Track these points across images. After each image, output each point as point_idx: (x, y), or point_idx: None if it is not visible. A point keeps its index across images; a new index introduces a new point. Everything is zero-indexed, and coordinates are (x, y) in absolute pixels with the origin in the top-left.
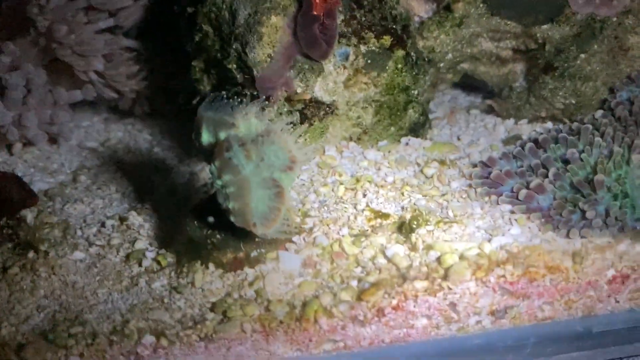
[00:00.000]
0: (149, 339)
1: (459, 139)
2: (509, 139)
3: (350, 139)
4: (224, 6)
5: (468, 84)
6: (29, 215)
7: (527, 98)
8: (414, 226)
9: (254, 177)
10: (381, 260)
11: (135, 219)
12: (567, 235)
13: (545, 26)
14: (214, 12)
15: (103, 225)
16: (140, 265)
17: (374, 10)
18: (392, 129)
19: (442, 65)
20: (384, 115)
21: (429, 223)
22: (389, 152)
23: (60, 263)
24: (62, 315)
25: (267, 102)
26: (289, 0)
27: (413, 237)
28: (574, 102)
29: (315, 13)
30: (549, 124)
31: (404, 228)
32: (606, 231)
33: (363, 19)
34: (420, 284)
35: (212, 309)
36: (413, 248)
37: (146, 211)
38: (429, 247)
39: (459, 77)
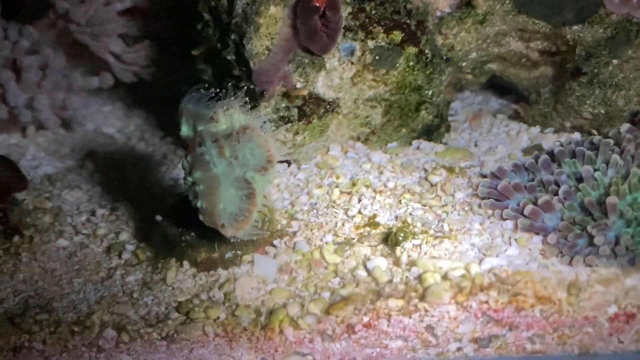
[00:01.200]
0: (111, 332)
1: (476, 145)
2: (529, 148)
3: (358, 138)
4: None
5: (502, 85)
6: (25, 199)
7: (554, 105)
8: (400, 238)
9: (226, 175)
10: (361, 273)
11: (127, 209)
12: (571, 263)
13: (576, 27)
14: (213, 0)
15: (93, 213)
16: (120, 257)
17: (385, 3)
18: (403, 130)
19: (464, 64)
20: (394, 116)
21: (416, 237)
22: (397, 155)
23: (44, 249)
24: (34, 301)
25: (246, 97)
26: None
27: (398, 250)
28: (603, 112)
29: (315, 4)
30: (576, 135)
31: (390, 240)
32: (614, 261)
33: (373, 12)
34: (394, 303)
35: (177, 309)
36: (396, 262)
37: (140, 202)
38: (412, 263)
39: (487, 77)
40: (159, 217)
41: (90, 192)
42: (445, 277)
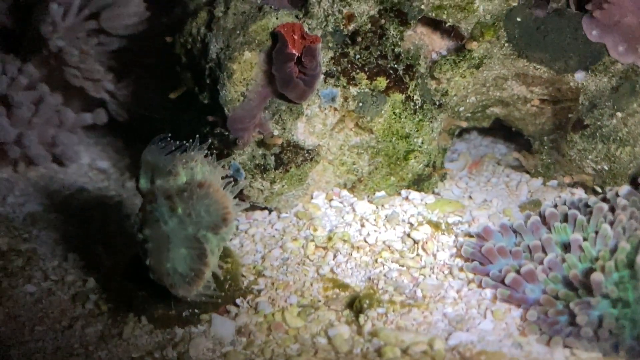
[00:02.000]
0: None
1: (470, 197)
2: (527, 203)
3: (345, 186)
4: (199, 37)
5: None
6: (0, 240)
7: (556, 157)
8: (365, 305)
9: (176, 234)
10: (322, 340)
11: (99, 255)
12: (549, 343)
13: (579, 74)
14: (189, 43)
15: (66, 258)
16: (83, 306)
17: (371, 47)
18: (392, 179)
19: (461, 109)
20: (381, 164)
21: (381, 305)
22: (383, 206)
23: (10, 294)
24: None
25: (206, 150)
26: (266, 35)
27: (362, 318)
28: (606, 168)
29: (291, 51)
30: (580, 192)
31: (355, 306)
32: (596, 345)
33: (357, 56)
34: None
35: None
36: (359, 331)
37: (114, 249)
38: (374, 333)
39: (490, 122)
40: None
41: (68, 233)
42: (405, 351)
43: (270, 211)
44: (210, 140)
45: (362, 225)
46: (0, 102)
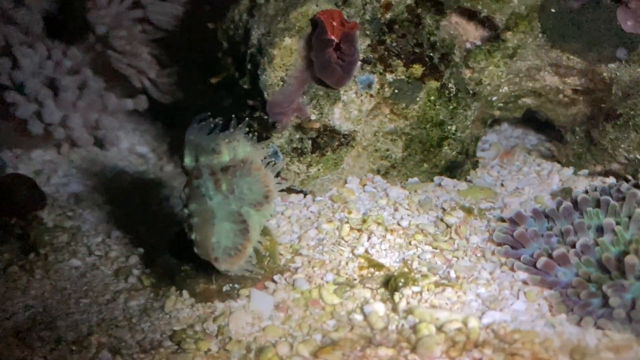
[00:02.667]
0: (106, 354)
1: (502, 184)
2: (558, 191)
3: (378, 171)
4: (241, 24)
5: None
6: (46, 217)
7: (588, 146)
8: (400, 284)
9: (220, 209)
10: (358, 317)
11: (141, 233)
12: (579, 323)
13: (612, 65)
14: (231, 29)
15: (109, 235)
16: (126, 281)
17: (407, 35)
18: (425, 165)
19: (494, 99)
20: (415, 150)
21: (416, 283)
22: (416, 191)
23: (57, 268)
24: (41, 317)
25: (247, 129)
26: (306, 22)
27: (397, 296)
28: (638, 157)
29: (330, 37)
30: (611, 180)
31: (390, 285)
32: (628, 326)
33: (393, 44)
34: (384, 352)
35: (171, 337)
36: (394, 309)
37: (154, 227)
38: (409, 311)
39: (522, 112)
40: None
41: (111, 213)
42: (440, 329)
43: (305, 194)
44: (247, 120)
45: (396, 210)
46: (47, 85)
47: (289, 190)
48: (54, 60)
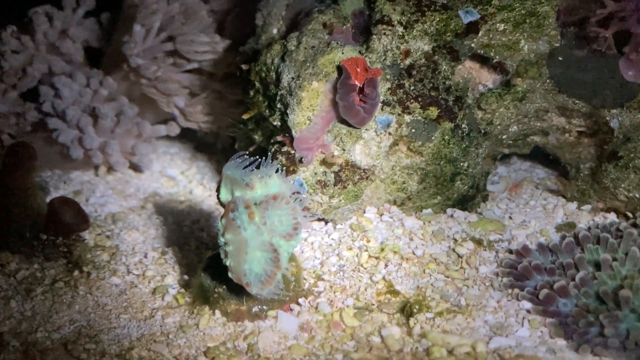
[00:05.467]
0: None
1: (510, 217)
2: (563, 225)
3: (395, 202)
4: (272, 67)
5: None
6: (87, 236)
7: (591, 183)
8: (415, 310)
9: (253, 239)
10: (375, 339)
11: (174, 254)
12: (578, 350)
13: (615, 110)
14: (263, 71)
15: (145, 256)
16: (163, 299)
17: (425, 79)
18: (439, 198)
19: (504, 137)
20: (429, 184)
21: (430, 310)
22: (429, 222)
23: (98, 285)
24: (86, 330)
25: (279, 166)
26: (332, 68)
27: (412, 321)
28: (637, 196)
29: (354, 82)
30: (612, 216)
31: (406, 310)
32: (622, 354)
33: (411, 87)
34: None
35: (205, 353)
36: (409, 333)
37: (187, 249)
38: (423, 335)
39: (529, 149)
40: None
41: (146, 234)
42: (451, 352)
43: (326, 222)
44: (277, 155)
45: (411, 239)
46: (87, 112)
47: (312, 218)
48: (92, 89)
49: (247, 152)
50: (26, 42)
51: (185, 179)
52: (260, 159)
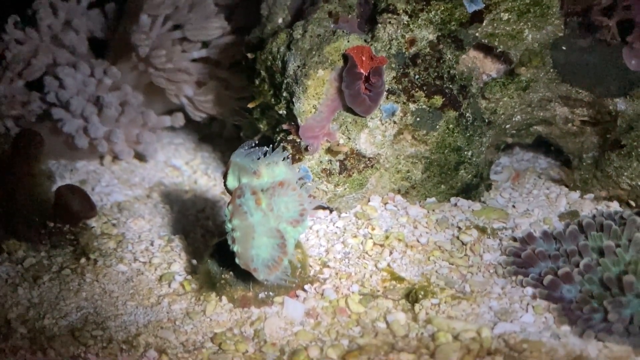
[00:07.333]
0: (153, 353)
1: (514, 206)
2: (566, 214)
3: (399, 191)
4: (278, 56)
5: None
6: (94, 224)
7: (594, 172)
8: (420, 296)
9: (260, 225)
10: (381, 325)
11: (180, 242)
12: (582, 335)
13: (618, 99)
14: (269, 60)
15: (152, 243)
16: (169, 286)
17: (429, 68)
18: (442, 187)
19: (507, 126)
20: (433, 173)
21: (435, 296)
22: (433, 210)
23: (105, 272)
24: (93, 317)
25: (286, 154)
26: (338, 56)
27: (417, 307)
28: None
29: (360, 70)
30: (615, 205)
31: (411, 296)
32: (626, 339)
33: (416, 76)
34: (405, 357)
35: (212, 339)
36: (414, 318)
37: (192, 237)
38: (428, 321)
39: (532, 139)
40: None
41: (152, 222)
42: (456, 337)
43: (331, 210)
44: (284, 146)
45: (415, 227)
46: (92, 101)
47: (317, 207)
48: (97, 79)
49: (255, 141)
50: (30, 34)
51: (190, 169)
52: (267, 148)
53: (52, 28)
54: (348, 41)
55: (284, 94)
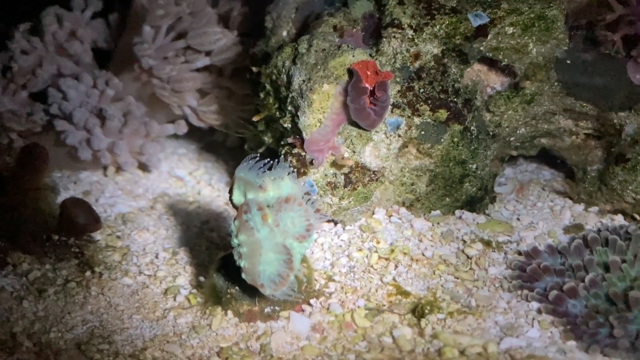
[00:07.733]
0: None
1: (518, 218)
2: (570, 227)
3: (403, 204)
4: (284, 70)
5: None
6: (98, 237)
7: (599, 185)
8: (426, 311)
9: (267, 241)
10: (387, 339)
11: (185, 254)
12: (587, 350)
13: (622, 113)
14: (274, 74)
15: (157, 256)
16: (174, 299)
17: (434, 82)
18: (447, 199)
19: (512, 139)
20: (438, 186)
21: (441, 311)
22: (438, 223)
23: (110, 285)
24: (98, 331)
25: (292, 169)
26: (343, 70)
27: (423, 322)
28: None
29: (364, 85)
30: (619, 218)
31: (417, 311)
32: (632, 355)
33: (421, 90)
34: None
35: (218, 354)
36: (421, 333)
37: (197, 249)
38: (435, 335)
39: (537, 151)
40: None
41: (156, 234)
42: (462, 352)
43: (336, 223)
44: (288, 156)
45: (420, 240)
46: (95, 113)
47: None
48: (99, 90)
49: (258, 154)
50: (35, 43)
51: (194, 180)
52: (272, 161)
53: (56, 38)
54: (353, 56)
55: (289, 107)
